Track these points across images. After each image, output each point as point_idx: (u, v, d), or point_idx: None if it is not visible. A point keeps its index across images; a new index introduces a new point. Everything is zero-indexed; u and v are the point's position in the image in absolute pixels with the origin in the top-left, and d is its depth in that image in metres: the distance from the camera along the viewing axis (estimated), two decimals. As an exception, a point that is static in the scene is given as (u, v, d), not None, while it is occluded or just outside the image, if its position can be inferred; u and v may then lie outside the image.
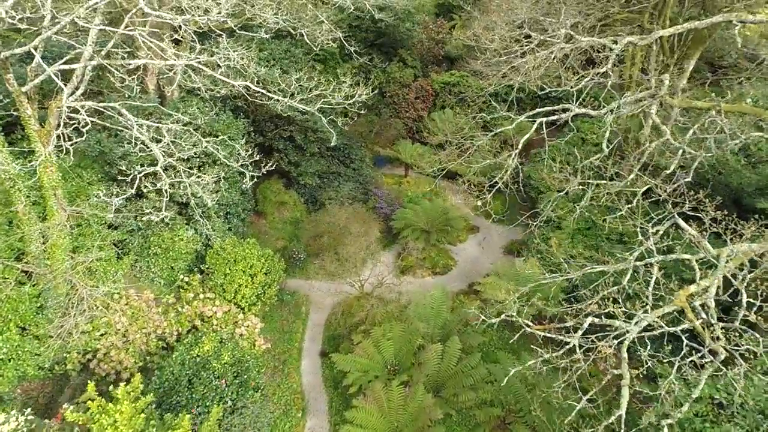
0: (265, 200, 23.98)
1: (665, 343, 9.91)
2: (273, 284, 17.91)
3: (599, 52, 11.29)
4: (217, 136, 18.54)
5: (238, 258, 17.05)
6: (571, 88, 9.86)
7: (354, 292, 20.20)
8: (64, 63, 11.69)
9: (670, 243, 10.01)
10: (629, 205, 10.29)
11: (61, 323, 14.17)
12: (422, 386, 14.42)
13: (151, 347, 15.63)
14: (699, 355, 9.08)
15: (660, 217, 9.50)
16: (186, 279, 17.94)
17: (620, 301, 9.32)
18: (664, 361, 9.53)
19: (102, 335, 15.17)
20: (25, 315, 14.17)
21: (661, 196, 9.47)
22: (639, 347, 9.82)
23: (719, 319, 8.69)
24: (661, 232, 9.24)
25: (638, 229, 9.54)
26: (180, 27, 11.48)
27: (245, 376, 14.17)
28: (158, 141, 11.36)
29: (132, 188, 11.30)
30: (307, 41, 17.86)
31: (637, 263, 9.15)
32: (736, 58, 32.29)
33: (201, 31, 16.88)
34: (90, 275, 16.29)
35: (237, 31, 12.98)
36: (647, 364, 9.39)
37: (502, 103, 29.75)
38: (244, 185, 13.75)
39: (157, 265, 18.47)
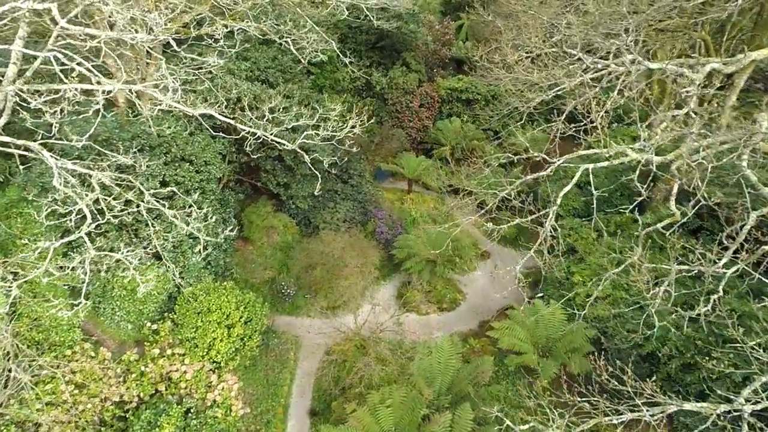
0: (251, 225, 21.46)
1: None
2: (254, 335, 15.42)
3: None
4: (191, 162, 16.07)
5: (212, 308, 14.56)
6: (649, 146, 7.26)
7: (350, 334, 17.73)
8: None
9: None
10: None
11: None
12: (428, 474, 11.96)
13: (106, 417, 13.20)
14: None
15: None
16: (154, 327, 15.49)
17: None
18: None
19: (47, 405, 12.74)
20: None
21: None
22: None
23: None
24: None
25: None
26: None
27: (214, 463, 11.75)
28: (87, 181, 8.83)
29: (42, 267, 8.77)
30: (293, 51, 15.27)
31: (752, 408, 6.59)
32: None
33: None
34: (36, 328, 13.88)
35: (182, 53, 10.38)
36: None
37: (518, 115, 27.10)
38: (196, 249, 11.14)
39: (122, 308, 16.00)
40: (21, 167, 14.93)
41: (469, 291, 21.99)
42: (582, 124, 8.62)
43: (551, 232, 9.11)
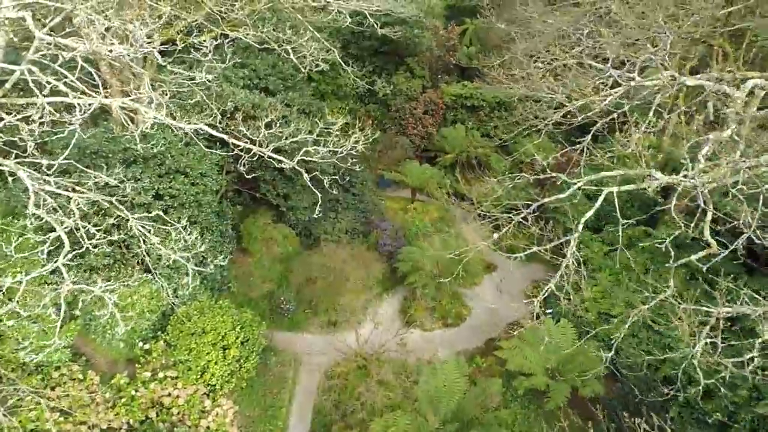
0: (250, 236, 20.78)
1: None
2: (252, 356, 14.71)
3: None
4: (186, 174, 15.40)
5: (206, 328, 13.86)
6: (691, 177, 6.56)
7: (351, 352, 17.02)
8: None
9: None
10: None
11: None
12: None
13: (93, 446, 12.50)
14: None
15: None
16: (147, 346, 14.80)
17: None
18: None
19: (29, 435, 12.04)
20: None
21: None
22: None
23: None
24: None
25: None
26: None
27: (206, 499, 11.03)
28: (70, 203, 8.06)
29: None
30: (294, 60, 14.60)
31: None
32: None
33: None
34: (21, 349, 13.21)
35: (170, 67, 9.70)
36: None
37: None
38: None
39: (114, 326, 15.32)
40: (11, 179, 14.32)
41: (474, 305, 21.23)
42: (612, 148, 7.91)
43: (574, 264, 8.34)
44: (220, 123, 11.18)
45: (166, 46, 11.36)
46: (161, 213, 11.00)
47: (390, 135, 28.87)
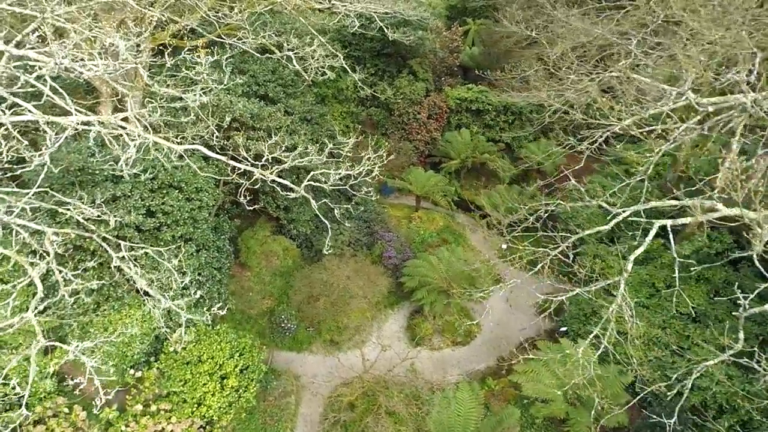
0: (248, 250, 19.75)
1: None
2: (251, 384, 13.70)
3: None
4: (181, 189, 14.37)
5: (202, 357, 12.85)
6: None
7: (357, 382, 16.03)
8: None
9: None
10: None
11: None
12: None
13: (79, 489, 11.50)
14: None
15: None
16: (138, 374, 13.78)
17: None
18: None
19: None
20: None
21: None
22: None
23: None
24: None
25: None
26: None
27: None
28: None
29: None
30: (297, 67, 13.58)
31: None
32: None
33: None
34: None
35: (157, 86, 8.64)
36: None
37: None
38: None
39: (104, 352, 14.29)
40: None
41: (484, 321, 20.27)
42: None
43: (628, 311, 7.36)
44: (216, 137, 10.17)
45: (155, 59, 10.36)
46: (154, 237, 9.91)
47: (393, 140, 27.87)
